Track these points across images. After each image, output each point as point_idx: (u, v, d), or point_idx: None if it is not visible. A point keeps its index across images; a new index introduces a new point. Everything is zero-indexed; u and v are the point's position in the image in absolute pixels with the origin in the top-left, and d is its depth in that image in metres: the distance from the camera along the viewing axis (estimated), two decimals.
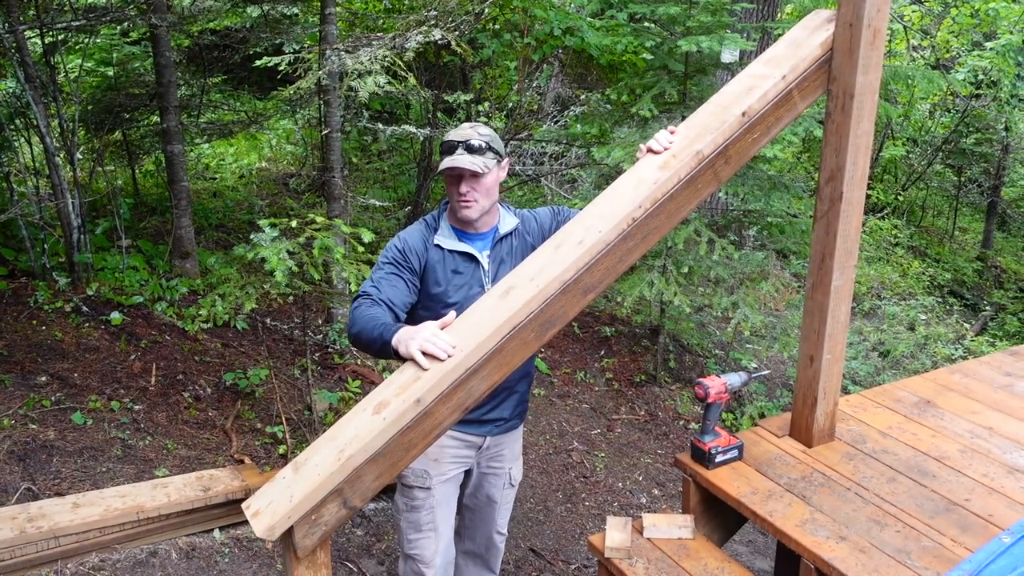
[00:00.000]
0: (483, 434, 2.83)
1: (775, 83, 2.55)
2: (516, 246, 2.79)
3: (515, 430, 2.97)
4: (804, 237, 5.97)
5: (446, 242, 2.70)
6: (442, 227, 2.74)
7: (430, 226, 2.75)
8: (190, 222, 5.92)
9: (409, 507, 2.82)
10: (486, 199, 2.67)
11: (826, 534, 2.60)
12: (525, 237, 2.81)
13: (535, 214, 2.89)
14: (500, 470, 2.98)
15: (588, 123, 6.15)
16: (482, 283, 2.71)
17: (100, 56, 6.81)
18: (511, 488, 3.06)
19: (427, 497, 2.79)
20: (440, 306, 2.64)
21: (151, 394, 4.66)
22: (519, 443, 3.05)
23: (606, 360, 6.29)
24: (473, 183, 2.62)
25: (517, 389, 2.86)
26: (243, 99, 8.31)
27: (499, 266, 2.74)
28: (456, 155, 2.60)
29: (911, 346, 7.64)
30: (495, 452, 2.93)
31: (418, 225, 2.76)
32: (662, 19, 5.41)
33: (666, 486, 5.05)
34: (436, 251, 2.69)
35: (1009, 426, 3.24)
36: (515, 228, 2.80)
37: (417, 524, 2.82)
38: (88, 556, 3.47)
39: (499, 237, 2.76)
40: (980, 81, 10.92)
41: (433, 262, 2.68)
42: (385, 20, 6.44)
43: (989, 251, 11.76)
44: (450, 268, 2.68)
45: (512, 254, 2.77)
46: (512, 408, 2.87)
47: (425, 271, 2.68)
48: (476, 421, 2.77)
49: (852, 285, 2.93)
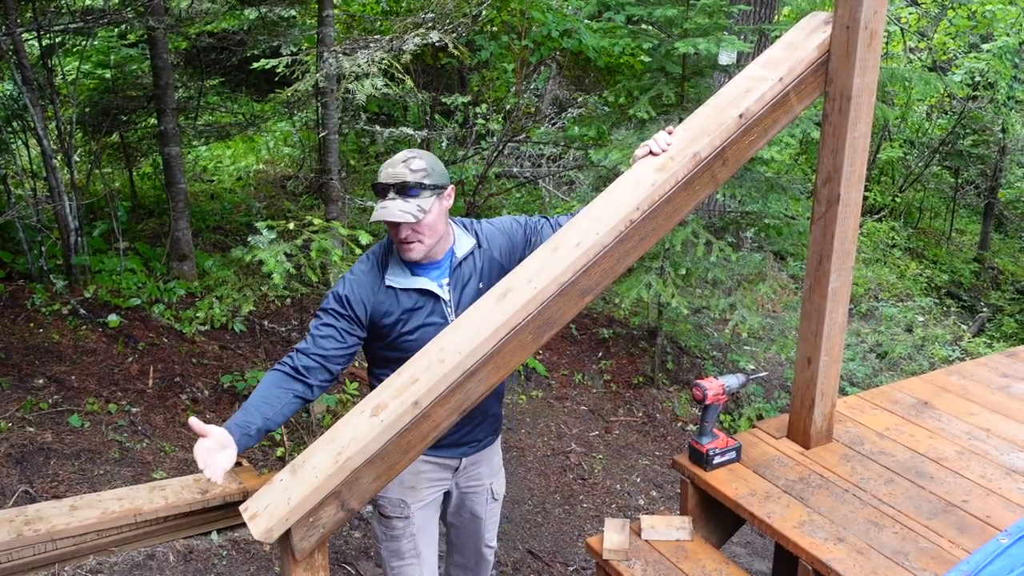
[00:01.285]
0: (458, 456, 2.72)
1: (772, 85, 2.55)
2: (480, 265, 2.60)
3: (491, 446, 2.84)
4: (801, 239, 5.98)
5: (398, 280, 2.49)
6: (391, 264, 2.51)
7: (379, 264, 2.52)
8: (187, 224, 5.92)
9: (389, 536, 2.71)
10: (431, 238, 2.46)
11: (824, 535, 2.60)
12: (490, 253, 2.63)
13: (496, 225, 2.69)
14: (480, 487, 2.86)
15: (586, 125, 6.16)
16: (444, 315, 2.52)
17: (97, 58, 6.80)
18: (495, 502, 2.95)
19: (406, 526, 2.69)
20: (399, 346, 2.49)
21: (149, 396, 4.65)
22: (497, 457, 2.93)
23: (604, 362, 6.29)
24: (412, 226, 2.40)
25: (491, 411, 2.74)
26: (241, 101, 8.31)
27: (462, 292, 2.55)
28: (388, 201, 2.38)
29: (908, 348, 7.65)
30: (473, 472, 2.81)
31: (366, 264, 2.53)
32: (659, 21, 5.42)
33: (664, 488, 5.06)
34: (386, 293, 2.48)
35: (1006, 427, 3.24)
36: (472, 249, 2.60)
37: (399, 552, 2.72)
38: (85, 559, 3.46)
39: (457, 262, 2.56)
40: (977, 83, 10.95)
41: (383, 305, 2.47)
42: (382, 22, 6.45)
43: (986, 252, 11.78)
44: (405, 308, 2.48)
45: (476, 273, 2.59)
46: (486, 428, 2.76)
47: (374, 317, 2.47)
48: (451, 444, 2.63)
49: (849, 287, 2.93)
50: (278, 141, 9.54)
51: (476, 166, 7.27)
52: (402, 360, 2.26)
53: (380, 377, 2.48)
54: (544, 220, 2.75)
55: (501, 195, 8.03)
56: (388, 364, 2.46)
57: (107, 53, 6.78)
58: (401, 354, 2.40)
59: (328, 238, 4.12)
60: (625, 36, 5.96)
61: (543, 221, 2.74)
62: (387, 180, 2.39)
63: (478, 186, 7.16)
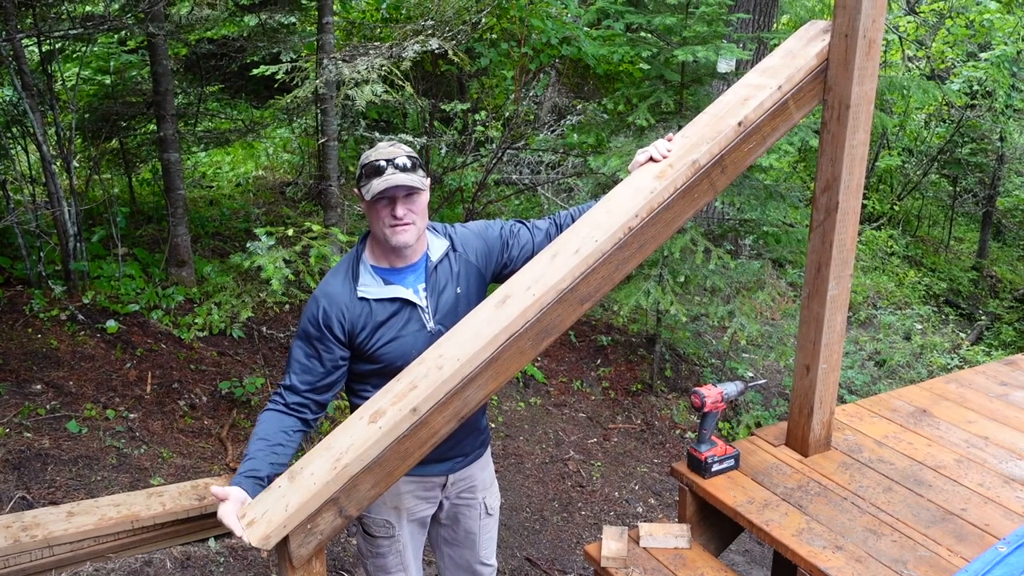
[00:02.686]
0: (445, 472, 2.62)
1: (771, 93, 2.56)
2: (454, 269, 2.52)
3: (481, 458, 2.74)
4: (800, 246, 5.99)
5: (371, 291, 2.41)
6: (362, 274, 2.43)
7: (350, 275, 2.44)
8: (186, 230, 5.92)
9: (374, 554, 2.65)
10: (422, 219, 2.42)
11: (822, 544, 2.59)
12: (466, 257, 2.55)
13: (470, 228, 2.62)
14: (473, 501, 2.76)
15: (585, 132, 6.17)
16: (422, 322, 2.44)
17: (97, 64, 6.81)
18: (489, 517, 2.82)
19: (392, 543, 2.62)
20: (379, 358, 2.42)
21: (146, 403, 4.65)
22: (489, 469, 2.82)
23: (602, 369, 6.29)
24: (409, 204, 2.36)
25: (476, 424, 2.66)
26: (240, 108, 8.31)
27: (439, 297, 2.47)
28: (388, 175, 2.31)
29: (907, 355, 7.65)
30: (464, 485, 2.71)
31: (335, 278, 2.44)
32: (658, 29, 5.44)
33: (662, 495, 5.05)
34: (361, 305, 2.39)
35: (1005, 436, 3.24)
36: (447, 251, 2.53)
37: (385, 568, 2.66)
38: (82, 565, 3.45)
39: (433, 266, 2.48)
40: (975, 92, 10.97)
41: (360, 319, 2.39)
42: (382, 30, 6.47)
43: (984, 261, 11.79)
44: (380, 319, 2.40)
45: (452, 278, 2.50)
46: (472, 442, 2.67)
47: (351, 332, 2.39)
48: (434, 460, 2.48)
49: (848, 295, 2.93)
50: (277, 147, 9.54)
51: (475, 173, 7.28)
52: (382, 373, 2.24)
53: (360, 394, 2.47)
54: (520, 224, 2.68)
55: (500, 202, 8.04)
56: (367, 379, 2.44)
57: (107, 59, 6.79)
58: (380, 367, 2.38)
59: (327, 244, 4.12)
60: (624, 44, 5.98)
61: (519, 225, 2.67)
62: (383, 157, 2.35)
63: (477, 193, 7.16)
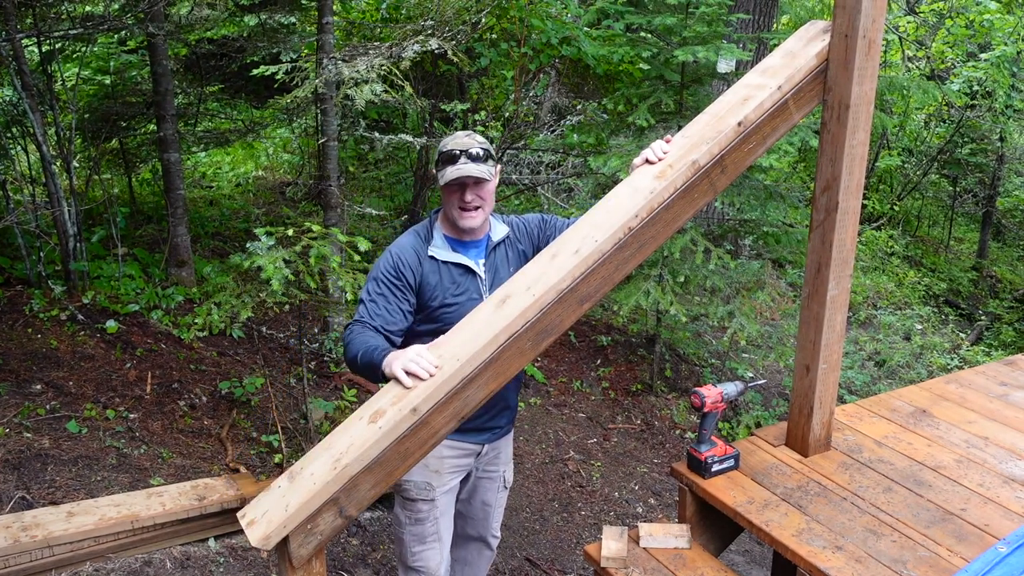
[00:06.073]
0: (482, 442, 2.84)
1: (771, 93, 2.56)
2: (509, 254, 2.79)
3: (509, 434, 3.02)
4: (800, 247, 5.99)
5: (440, 253, 2.67)
6: (435, 237, 2.70)
7: (422, 237, 2.71)
8: (186, 230, 5.92)
9: (413, 520, 2.79)
10: (489, 205, 2.67)
11: (822, 544, 2.60)
12: (516, 245, 2.82)
13: (524, 221, 2.88)
14: (495, 473, 3.01)
15: (585, 132, 6.17)
16: (480, 292, 2.68)
17: (97, 64, 6.81)
18: (504, 491, 3.09)
19: (431, 509, 2.78)
20: (438, 317, 2.63)
21: (146, 403, 4.65)
22: (511, 446, 3.10)
23: (602, 369, 6.29)
24: (478, 190, 2.61)
25: (510, 401, 2.89)
26: (240, 108, 8.31)
27: (495, 275, 2.72)
28: (460, 164, 2.57)
29: (907, 356, 7.65)
30: (492, 457, 2.95)
31: (410, 237, 2.72)
32: (659, 29, 5.44)
33: (662, 495, 5.05)
34: (431, 263, 2.66)
35: (1004, 436, 3.24)
36: (506, 236, 2.80)
37: (422, 536, 2.81)
38: (82, 565, 3.45)
39: (493, 245, 2.75)
40: (975, 92, 10.97)
41: (428, 275, 2.64)
42: (382, 30, 6.46)
43: (984, 261, 11.79)
44: (447, 280, 2.65)
45: (506, 262, 2.77)
46: (508, 416, 2.91)
47: (421, 285, 2.64)
48: (475, 429, 2.76)
49: (848, 295, 2.93)
50: (277, 147, 9.55)
51: None
52: (437, 334, 2.33)
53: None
54: (555, 218, 2.91)
55: (500, 202, 8.04)
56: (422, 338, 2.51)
57: (107, 59, 6.79)
58: (438, 326, 2.52)
59: (327, 245, 4.12)
60: (624, 44, 5.98)
61: (554, 219, 2.90)
62: (457, 147, 2.59)
63: None
